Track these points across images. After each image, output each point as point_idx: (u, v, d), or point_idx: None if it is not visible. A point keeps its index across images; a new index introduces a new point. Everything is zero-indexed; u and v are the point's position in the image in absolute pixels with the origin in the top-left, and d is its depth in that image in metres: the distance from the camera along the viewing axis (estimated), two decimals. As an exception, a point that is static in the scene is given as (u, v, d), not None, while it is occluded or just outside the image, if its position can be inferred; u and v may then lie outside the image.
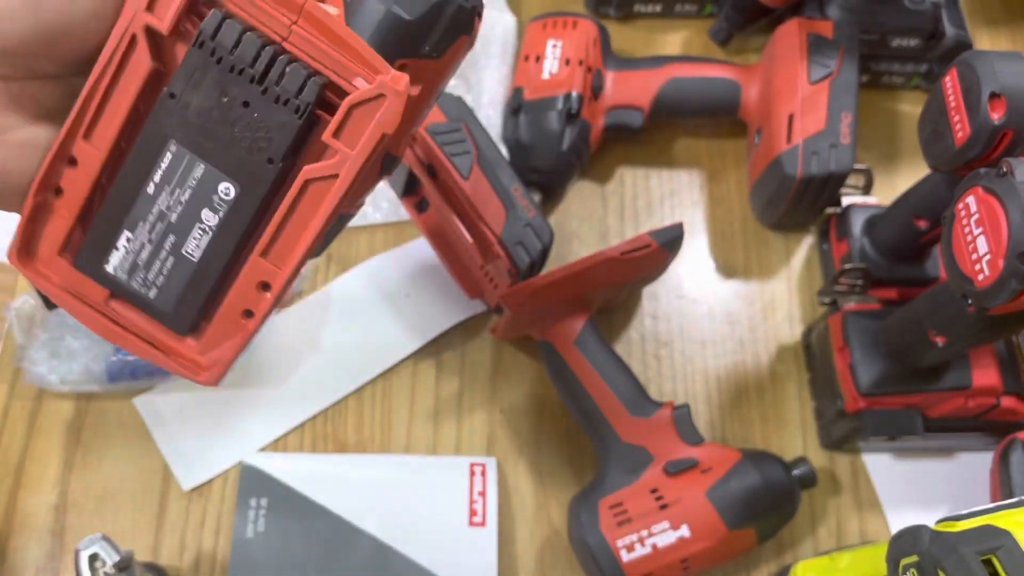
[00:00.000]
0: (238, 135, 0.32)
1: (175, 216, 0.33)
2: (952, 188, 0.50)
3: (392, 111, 0.31)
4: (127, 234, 0.34)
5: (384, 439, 0.67)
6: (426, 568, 0.62)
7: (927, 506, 0.66)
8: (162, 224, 0.34)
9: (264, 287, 0.33)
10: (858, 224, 0.70)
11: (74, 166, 0.34)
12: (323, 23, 0.31)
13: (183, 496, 0.65)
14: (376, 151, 0.32)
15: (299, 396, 0.68)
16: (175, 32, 0.32)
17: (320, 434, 0.67)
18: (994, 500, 0.56)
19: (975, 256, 0.46)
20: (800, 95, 0.69)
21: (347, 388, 0.69)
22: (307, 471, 0.64)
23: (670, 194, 0.78)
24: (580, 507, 0.60)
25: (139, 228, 0.34)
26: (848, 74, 0.69)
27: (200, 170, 0.33)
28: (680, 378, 0.71)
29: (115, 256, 0.34)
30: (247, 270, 0.33)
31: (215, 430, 0.66)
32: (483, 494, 0.64)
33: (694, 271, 0.75)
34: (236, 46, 0.31)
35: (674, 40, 0.85)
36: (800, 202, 0.70)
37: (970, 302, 0.48)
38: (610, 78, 0.75)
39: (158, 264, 0.34)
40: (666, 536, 0.57)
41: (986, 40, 0.85)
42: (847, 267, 0.66)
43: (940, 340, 0.56)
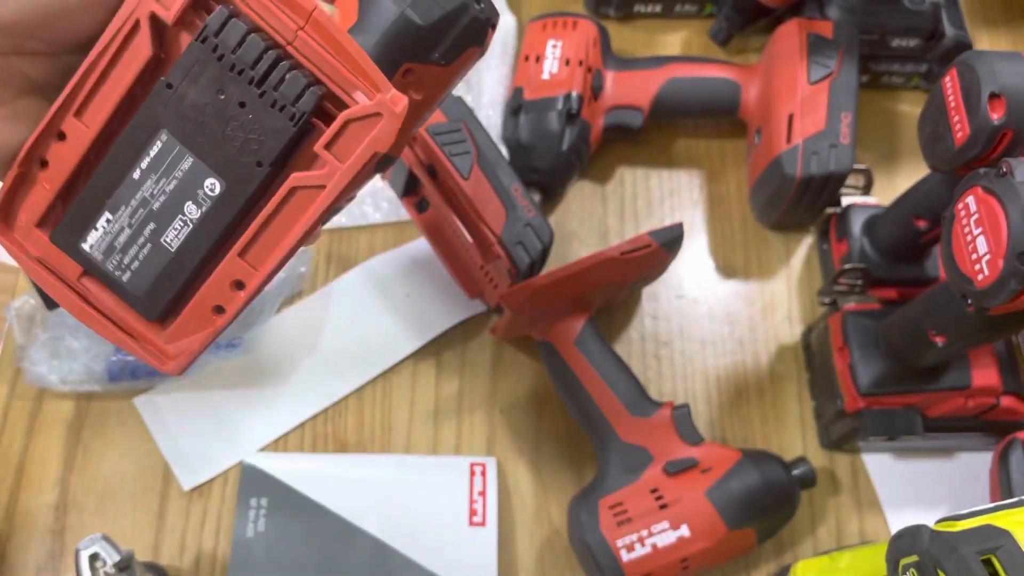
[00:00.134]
0: (230, 134, 0.32)
1: (158, 204, 0.33)
2: (952, 188, 0.50)
3: (387, 131, 0.31)
4: (107, 215, 0.34)
5: (384, 439, 0.68)
6: (426, 568, 0.62)
7: (927, 506, 0.66)
8: (144, 210, 0.33)
9: (238, 286, 0.33)
10: (858, 224, 0.70)
11: (62, 141, 0.33)
12: (329, 32, 0.31)
13: (183, 496, 0.65)
14: (366, 167, 0.32)
15: (299, 396, 0.68)
16: (180, 23, 0.32)
17: (320, 434, 0.67)
18: (994, 500, 0.56)
19: (975, 256, 0.46)
20: (800, 95, 0.69)
21: (347, 388, 0.69)
22: (307, 471, 0.64)
23: (670, 194, 0.78)
24: (580, 507, 0.60)
25: (120, 211, 0.34)
26: (848, 74, 0.69)
27: (188, 163, 0.33)
28: (680, 378, 0.71)
29: (93, 235, 0.34)
30: (223, 267, 0.33)
31: (215, 430, 0.66)
32: (483, 494, 0.64)
33: (694, 271, 0.75)
34: (239, 46, 0.31)
35: (674, 40, 0.85)
36: (800, 202, 0.70)
37: (970, 302, 0.48)
38: (610, 78, 0.75)
39: (135, 249, 0.34)
40: (666, 536, 0.57)
41: (986, 40, 0.85)
42: (847, 267, 0.66)
43: (940, 340, 0.56)
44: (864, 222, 0.70)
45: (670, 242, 0.63)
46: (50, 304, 0.60)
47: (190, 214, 0.33)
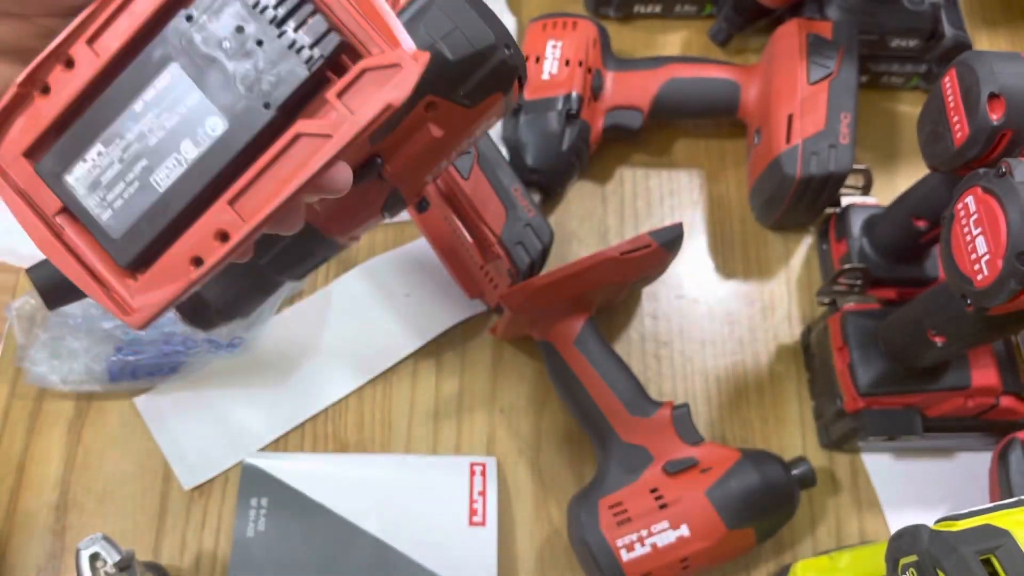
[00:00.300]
0: (242, 73, 0.31)
1: (154, 140, 0.32)
2: (951, 188, 0.50)
3: (404, 82, 0.30)
4: (100, 148, 0.32)
5: (384, 439, 0.68)
6: (426, 568, 0.62)
7: (926, 506, 0.66)
8: (139, 145, 0.32)
9: (222, 237, 0.31)
10: (857, 224, 0.70)
11: (70, 68, 0.32)
12: None
13: (184, 496, 0.65)
14: (377, 123, 0.30)
15: (299, 396, 0.68)
16: None
17: (320, 434, 0.67)
18: (993, 500, 0.56)
19: (974, 256, 0.46)
20: (799, 95, 0.69)
21: (347, 388, 0.69)
22: (307, 471, 0.64)
23: (670, 194, 0.78)
24: (580, 507, 0.60)
25: (114, 144, 0.32)
26: (847, 74, 0.70)
27: (194, 98, 0.32)
28: (680, 378, 0.71)
29: (80, 168, 0.32)
30: (210, 214, 0.31)
31: (216, 430, 0.66)
32: (483, 494, 0.64)
33: (694, 271, 0.75)
34: None
35: (674, 41, 0.85)
36: (799, 202, 0.70)
37: (969, 302, 0.48)
38: (610, 79, 0.75)
39: (121, 186, 0.32)
40: (666, 536, 0.58)
41: (985, 41, 0.85)
42: (846, 267, 0.66)
43: (939, 340, 0.56)
44: (864, 222, 0.70)
45: (670, 242, 0.63)
46: (50, 304, 0.59)
47: (186, 153, 0.32)
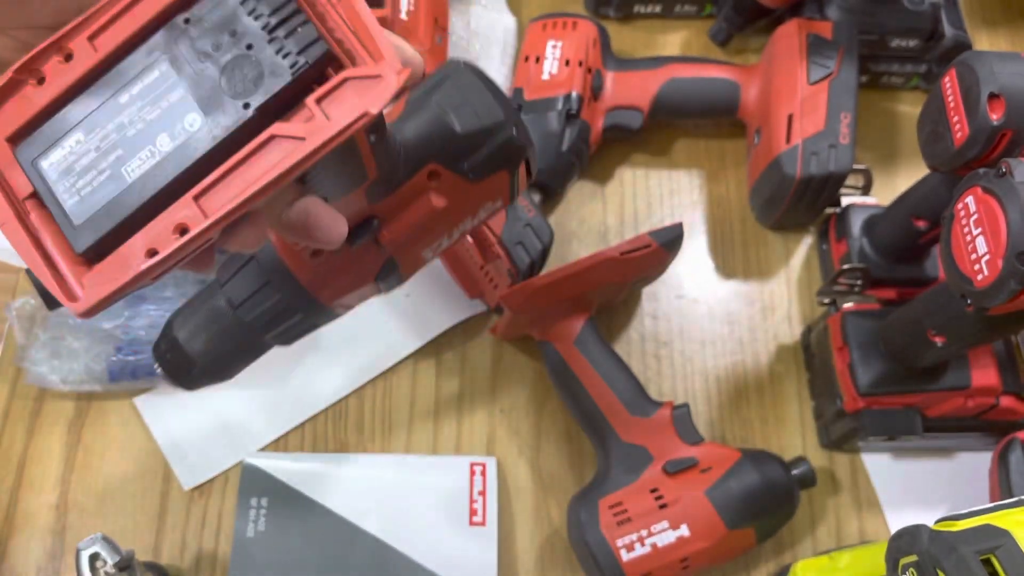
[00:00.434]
0: (229, 74, 0.32)
1: (133, 131, 0.32)
2: (951, 188, 0.50)
3: (384, 93, 0.30)
4: (79, 135, 0.33)
5: (384, 439, 0.68)
6: (426, 568, 0.62)
7: (926, 506, 0.66)
8: (117, 135, 0.33)
9: (181, 231, 0.32)
10: (857, 224, 0.70)
11: (67, 62, 0.33)
12: (354, 9, 0.31)
13: (184, 496, 0.65)
14: (351, 130, 0.31)
15: (299, 396, 0.68)
16: None
17: (320, 434, 0.67)
18: (993, 500, 0.56)
19: (974, 256, 0.46)
20: (799, 95, 0.69)
21: (347, 388, 0.69)
22: (307, 471, 0.64)
23: (670, 194, 0.78)
24: (580, 507, 0.60)
25: (94, 133, 0.33)
26: (847, 74, 0.70)
27: (177, 95, 0.32)
28: (680, 378, 0.71)
29: (56, 153, 0.33)
30: (173, 208, 0.32)
31: (215, 430, 0.66)
32: (483, 494, 0.64)
33: (694, 271, 0.75)
34: None
35: (674, 41, 0.85)
36: (799, 202, 0.70)
37: (969, 302, 0.48)
38: (610, 79, 0.75)
39: (93, 174, 0.33)
40: (666, 536, 0.58)
41: (985, 41, 0.85)
42: (846, 267, 0.66)
43: (939, 340, 0.56)
44: (864, 222, 0.70)
45: (670, 242, 0.63)
46: (50, 304, 0.59)
47: (161, 146, 0.32)
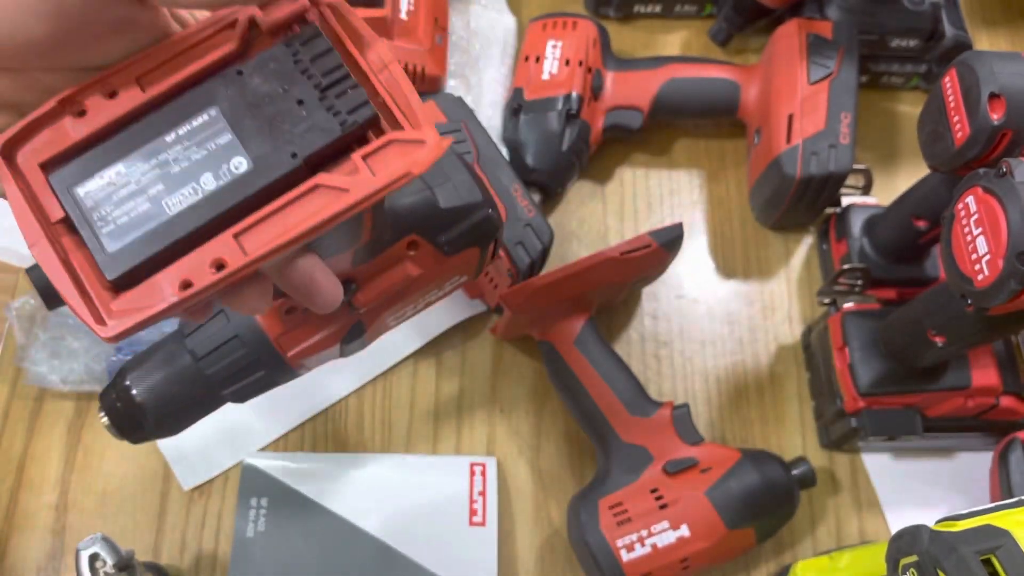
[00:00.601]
0: (278, 124, 0.33)
1: (176, 169, 0.33)
2: (951, 188, 0.50)
3: (426, 157, 0.33)
4: (120, 168, 0.33)
5: (384, 439, 0.68)
6: (426, 568, 0.62)
7: (927, 506, 0.66)
8: (160, 171, 0.33)
9: (218, 266, 0.32)
10: (857, 224, 0.70)
11: (112, 99, 0.34)
12: (396, 80, 0.34)
13: (183, 496, 0.65)
14: (391, 187, 0.33)
15: (299, 396, 0.68)
16: (270, 30, 0.35)
17: (320, 434, 0.67)
18: (994, 500, 0.56)
19: (975, 256, 0.46)
20: (800, 95, 0.69)
21: (347, 388, 0.69)
22: (307, 471, 0.64)
23: (670, 194, 0.78)
24: (580, 507, 0.60)
25: (136, 167, 0.33)
26: (847, 74, 0.70)
27: (225, 139, 0.34)
28: (680, 378, 0.71)
29: (95, 183, 0.33)
30: (212, 244, 0.33)
31: (215, 430, 0.66)
32: (483, 494, 0.64)
33: (694, 271, 0.75)
34: (319, 56, 0.34)
35: (674, 41, 0.85)
36: (799, 202, 0.70)
37: (969, 302, 0.48)
38: (610, 79, 0.75)
39: (131, 204, 0.33)
40: (666, 536, 0.58)
41: (985, 41, 0.85)
42: (846, 267, 0.66)
43: (939, 340, 0.56)
44: (864, 222, 0.70)
45: (670, 242, 0.63)
46: (50, 304, 0.59)
47: (204, 184, 0.33)
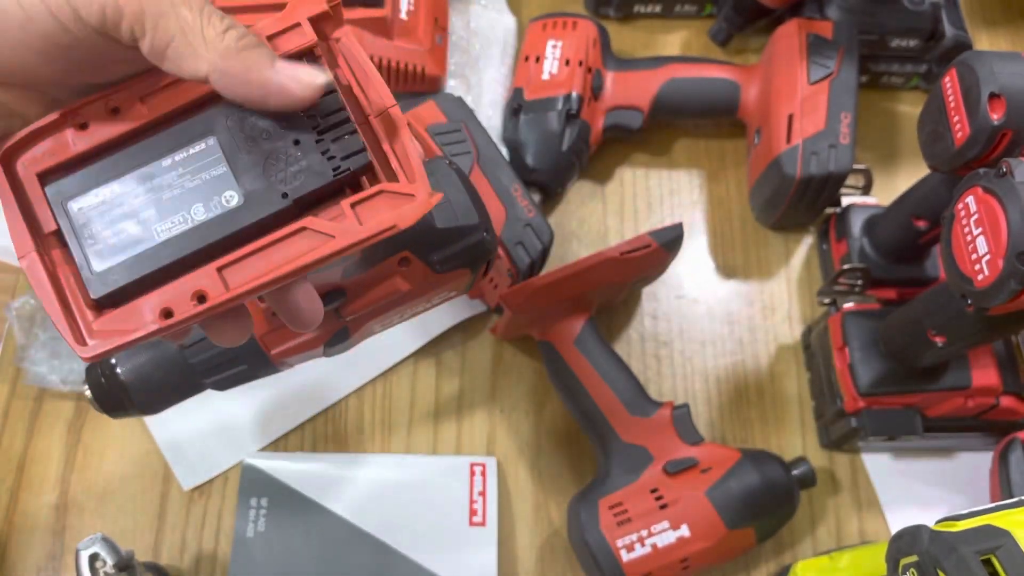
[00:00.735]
0: (272, 162, 0.34)
1: (169, 195, 0.34)
2: (951, 188, 0.50)
3: (413, 212, 0.33)
4: (115, 187, 0.34)
5: (384, 439, 0.68)
6: (426, 568, 0.62)
7: (927, 506, 0.66)
8: (153, 195, 0.34)
9: (199, 298, 0.33)
10: (857, 224, 0.70)
11: (114, 115, 0.34)
12: (396, 127, 0.35)
13: (183, 496, 0.65)
14: (376, 238, 0.33)
15: (299, 396, 0.68)
16: None
17: (320, 434, 0.67)
18: (994, 500, 0.56)
19: (975, 256, 0.46)
20: (800, 95, 0.69)
21: (347, 388, 0.69)
22: (307, 471, 0.64)
23: (670, 194, 0.78)
24: (580, 507, 0.60)
25: (131, 188, 0.34)
26: (847, 74, 0.70)
27: (220, 171, 0.34)
28: (680, 378, 0.71)
29: (88, 199, 0.34)
30: (196, 274, 0.33)
31: (215, 430, 0.66)
32: (483, 494, 0.64)
33: (694, 271, 0.75)
34: (322, 96, 0.34)
35: (674, 41, 0.85)
36: (799, 202, 0.70)
37: (969, 302, 0.48)
38: (610, 79, 0.75)
39: (122, 226, 0.33)
40: (666, 536, 0.58)
41: (985, 41, 0.85)
42: (846, 267, 0.66)
43: (939, 340, 0.56)
44: (864, 222, 0.70)
45: (670, 242, 0.63)
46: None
47: (195, 214, 0.33)
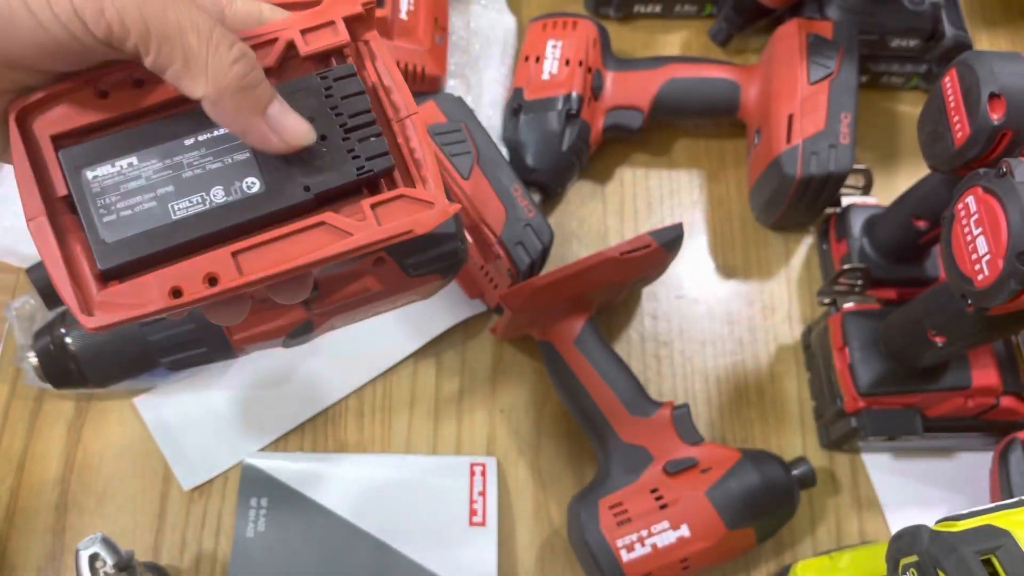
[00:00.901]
0: (298, 154, 0.34)
1: (189, 174, 0.33)
2: (951, 188, 0.50)
3: (431, 218, 0.34)
4: (133, 159, 0.33)
5: (384, 439, 0.68)
6: (426, 568, 0.62)
7: (927, 506, 0.66)
8: (172, 172, 0.33)
9: (211, 281, 0.33)
10: (857, 224, 0.70)
11: (138, 88, 0.34)
12: (420, 133, 0.36)
13: (183, 496, 0.65)
14: (392, 240, 0.34)
15: (299, 396, 0.68)
16: (308, 57, 0.36)
17: (320, 434, 0.67)
18: (994, 500, 0.56)
19: (975, 256, 0.46)
20: (800, 95, 0.69)
21: (347, 388, 0.69)
22: (307, 471, 0.64)
23: (670, 194, 0.78)
24: (580, 507, 0.60)
25: (150, 162, 0.33)
26: (847, 74, 0.70)
27: (243, 156, 0.34)
28: (680, 378, 0.71)
29: (104, 169, 0.33)
30: (210, 256, 0.33)
31: (215, 430, 0.66)
32: (483, 494, 0.64)
33: (694, 271, 0.75)
34: (351, 96, 0.35)
35: (674, 41, 0.85)
36: (799, 202, 0.70)
37: (969, 302, 0.48)
38: (610, 79, 0.75)
39: (137, 199, 0.33)
40: (666, 536, 0.58)
41: (985, 41, 0.85)
42: (846, 267, 0.66)
43: (939, 340, 0.56)
44: (864, 222, 0.70)
45: (670, 242, 0.63)
46: (50, 304, 0.59)
47: (214, 196, 0.33)
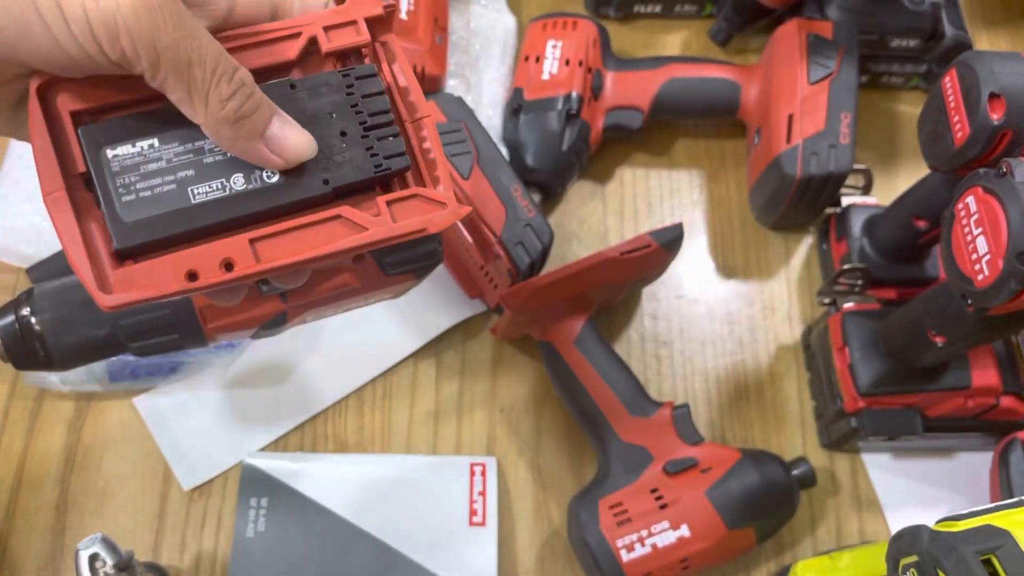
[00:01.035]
0: (318, 148, 0.35)
1: (210, 160, 0.34)
2: (951, 188, 0.50)
3: (444, 219, 0.35)
4: (154, 141, 0.34)
5: (384, 439, 0.68)
6: (426, 568, 0.62)
7: (927, 506, 0.66)
8: (193, 156, 0.34)
9: (227, 266, 0.33)
10: (858, 224, 0.70)
11: None
12: (433, 135, 0.37)
13: (183, 496, 0.65)
14: (405, 238, 0.35)
15: (299, 396, 0.68)
16: (330, 53, 0.37)
17: (320, 434, 0.67)
18: (994, 500, 0.56)
19: (975, 256, 0.46)
20: (800, 95, 0.69)
21: (347, 388, 0.69)
22: (307, 471, 0.64)
23: (670, 194, 0.78)
24: (580, 507, 0.60)
25: (170, 146, 0.34)
26: (847, 74, 0.70)
27: None
28: (680, 378, 0.71)
29: (125, 149, 0.33)
30: (227, 242, 0.33)
31: (215, 430, 0.66)
32: (483, 494, 0.64)
33: (694, 271, 0.75)
34: (372, 96, 0.36)
35: (674, 41, 0.85)
36: (799, 202, 0.70)
37: (969, 302, 0.48)
38: (610, 79, 0.75)
39: (157, 181, 0.33)
40: (666, 536, 0.58)
41: (985, 41, 0.85)
42: (846, 267, 0.66)
43: (939, 340, 0.56)
44: (864, 222, 0.70)
45: (670, 242, 0.63)
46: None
47: (234, 183, 0.34)
